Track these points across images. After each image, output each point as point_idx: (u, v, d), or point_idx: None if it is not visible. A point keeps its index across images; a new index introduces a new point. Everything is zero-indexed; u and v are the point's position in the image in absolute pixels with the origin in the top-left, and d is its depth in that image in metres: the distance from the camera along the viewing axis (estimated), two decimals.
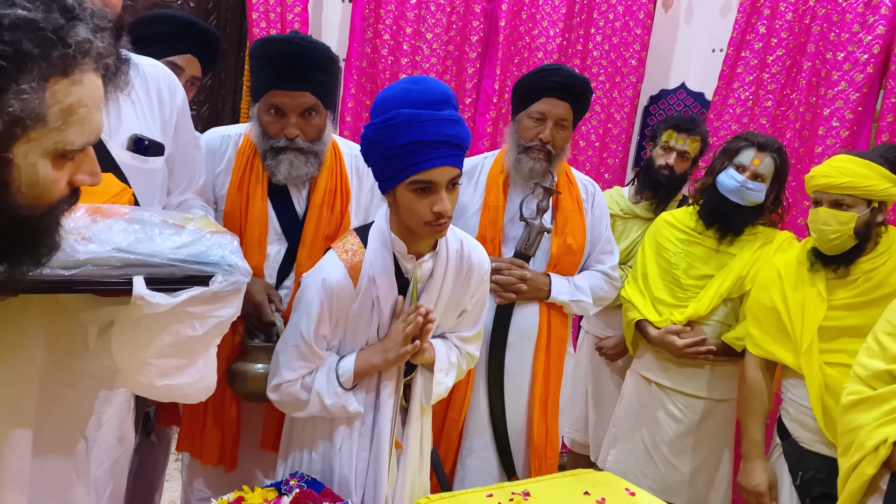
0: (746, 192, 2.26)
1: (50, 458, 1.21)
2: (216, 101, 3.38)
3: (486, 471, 2.18)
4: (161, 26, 2.12)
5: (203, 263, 1.05)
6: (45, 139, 0.82)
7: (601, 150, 3.50)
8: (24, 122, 0.78)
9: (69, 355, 1.18)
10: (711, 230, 2.36)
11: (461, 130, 1.48)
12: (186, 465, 2.03)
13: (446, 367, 1.68)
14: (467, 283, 1.69)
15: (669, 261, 2.43)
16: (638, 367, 2.53)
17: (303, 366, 1.59)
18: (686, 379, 2.39)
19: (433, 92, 1.46)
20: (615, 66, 3.44)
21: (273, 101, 1.80)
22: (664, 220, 2.51)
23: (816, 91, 2.84)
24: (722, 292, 2.32)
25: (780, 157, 2.29)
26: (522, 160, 2.14)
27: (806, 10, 2.91)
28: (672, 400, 2.40)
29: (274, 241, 1.92)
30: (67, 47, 0.81)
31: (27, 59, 0.77)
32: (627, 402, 2.56)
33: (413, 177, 1.44)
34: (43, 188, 0.85)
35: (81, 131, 0.86)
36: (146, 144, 1.54)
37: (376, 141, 1.47)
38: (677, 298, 2.40)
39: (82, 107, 0.85)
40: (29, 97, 0.77)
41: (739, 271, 2.31)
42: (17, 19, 0.76)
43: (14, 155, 0.80)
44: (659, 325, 2.39)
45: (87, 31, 0.84)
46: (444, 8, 3.28)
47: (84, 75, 0.85)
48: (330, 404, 1.57)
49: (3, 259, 0.88)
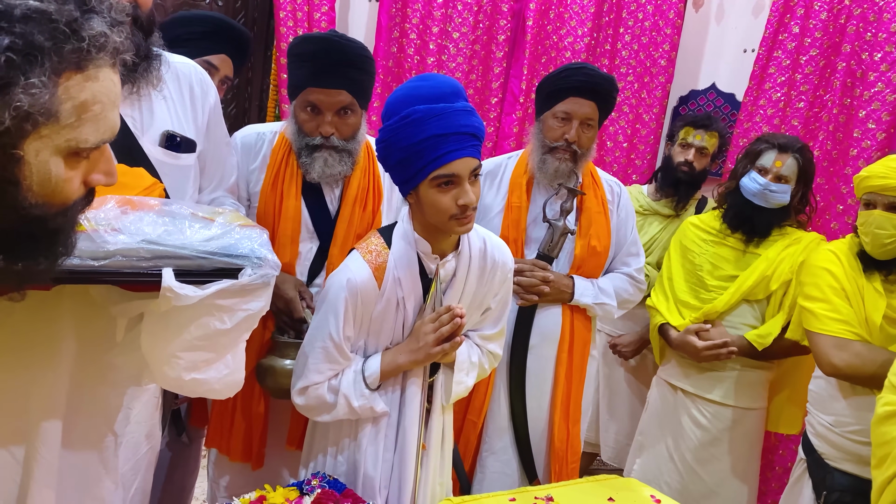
0: (770, 194, 2.22)
1: (78, 451, 1.21)
2: (243, 101, 3.41)
3: (507, 473, 2.16)
4: (196, 26, 2.14)
5: (232, 256, 1.05)
6: (57, 136, 0.79)
7: (629, 150, 3.46)
8: (34, 117, 0.75)
9: (99, 350, 1.18)
10: (737, 234, 2.32)
11: (476, 120, 1.47)
12: (213, 462, 2.04)
13: (467, 367, 1.66)
14: (491, 281, 1.68)
15: (694, 262, 2.39)
16: (664, 374, 2.49)
17: (329, 368, 1.58)
18: (713, 385, 2.34)
19: (444, 86, 1.46)
20: (644, 65, 3.40)
21: (309, 98, 1.80)
22: (690, 223, 2.48)
23: (851, 92, 2.78)
24: (744, 290, 2.27)
25: (804, 157, 2.24)
26: (548, 160, 2.12)
27: (841, 10, 2.85)
28: (698, 407, 2.36)
29: (306, 239, 1.92)
30: (81, 41, 0.78)
31: (38, 52, 0.74)
32: (653, 409, 2.52)
33: (435, 172, 1.43)
34: (55, 187, 0.82)
35: (96, 129, 0.83)
36: (178, 141, 1.55)
37: (393, 142, 1.45)
38: (701, 300, 2.36)
39: (97, 103, 0.82)
40: (39, 91, 0.74)
41: (764, 271, 2.26)
42: (29, 10, 0.73)
43: (24, 152, 0.78)
44: (680, 328, 2.35)
45: (103, 24, 0.80)
46: (471, 7, 3.27)
47: (100, 71, 0.81)
48: (358, 406, 1.56)
49: (20, 257, 0.86)
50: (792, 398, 2.44)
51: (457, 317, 1.54)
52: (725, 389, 2.33)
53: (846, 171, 2.74)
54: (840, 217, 2.74)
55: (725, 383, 2.33)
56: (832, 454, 1.95)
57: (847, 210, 2.74)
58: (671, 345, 2.38)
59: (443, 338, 1.55)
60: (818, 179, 2.67)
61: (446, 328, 1.54)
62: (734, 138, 3.07)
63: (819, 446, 1.98)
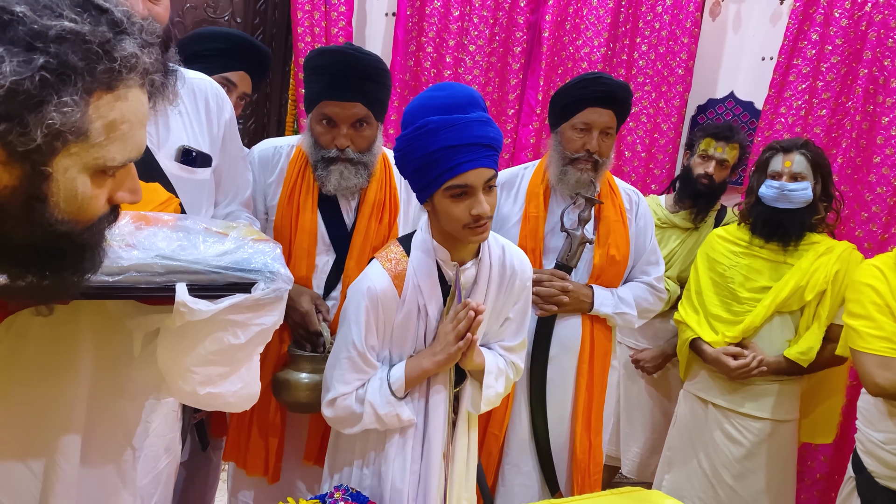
0: (791, 193, 2.21)
1: (97, 465, 1.22)
2: (261, 115, 3.44)
3: (528, 486, 2.14)
4: (216, 43, 2.16)
5: (245, 270, 1.05)
6: (85, 154, 0.80)
7: (647, 160, 3.44)
8: (65, 135, 0.77)
9: (117, 363, 1.19)
10: (773, 242, 2.29)
11: (491, 131, 1.47)
12: (232, 476, 2.04)
13: (496, 372, 1.65)
14: (510, 289, 1.67)
15: (724, 275, 2.36)
16: (692, 388, 2.45)
17: (356, 377, 1.57)
18: (745, 399, 2.30)
19: (459, 96, 1.46)
20: (661, 75, 3.38)
21: (325, 111, 1.82)
22: (717, 234, 2.45)
23: (874, 99, 2.74)
24: (779, 301, 2.24)
25: (811, 151, 2.24)
26: (569, 172, 2.11)
27: (862, 16, 2.82)
28: (730, 421, 2.32)
29: (322, 252, 1.93)
30: (113, 61, 0.79)
31: (71, 72, 0.75)
32: (682, 424, 2.48)
33: (448, 182, 1.44)
34: (81, 203, 0.84)
35: (123, 147, 0.84)
36: (194, 156, 1.57)
37: (409, 151, 1.47)
38: (733, 313, 2.33)
39: (125, 122, 0.83)
40: (71, 110, 0.75)
41: (798, 281, 2.23)
42: (64, 31, 0.75)
43: (53, 169, 0.79)
44: (714, 345, 2.32)
45: (134, 45, 0.82)
46: (487, 20, 3.28)
47: (129, 91, 0.83)
48: (384, 414, 1.55)
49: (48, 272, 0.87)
50: (825, 408, 2.40)
51: (472, 311, 1.53)
52: (758, 402, 2.30)
53: (870, 179, 2.70)
54: (865, 224, 2.69)
55: (758, 396, 2.30)
56: (882, 472, 1.90)
57: (872, 218, 2.70)
58: (705, 360, 2.35)
59: (461, 334, 1.54)
60: (842, 187, 2.63)
61: (462, 324, 1.53)
62: (754, 147, 3.04)
63: (869, 464, 1.94)
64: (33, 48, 0.73)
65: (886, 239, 2.67)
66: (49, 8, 0.76)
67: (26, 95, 0.72)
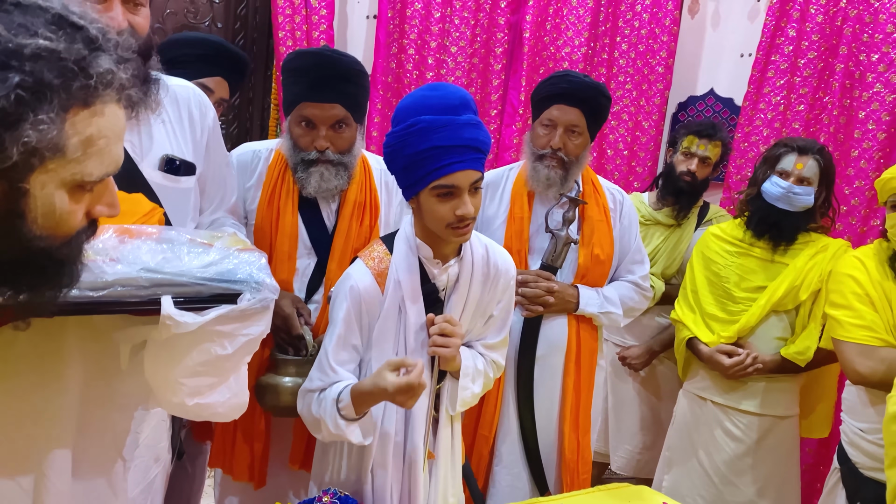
0: (794, 197, 2.20)
1: (88, 478, 1.21)
2: (244, 120, 3.43)
3: (517, 486, 2.15)
4: (192, 49, 2.15)
5: (230, 282, 1.06)
6: (63, 170, 0.81)
7: (629, 158, 3.46)
8: (41, 152, 0.77)
9: (106, 375, 1.19)
10: (763, 240, 2.30)
11: (481, 134, 1.49)
12: (219, 483, 2.04)
13: (472, 374, 1.65)
14: (494, 288, 1.68)
15: (719, 274, 2.37)
16: (690, 387, 2.47)
17: (318, 377, 1.58)
18: (743, 396, 2.32)
19: (451, 97, 1.47)
20: (642, 73, 3.40)
21: (304, 113, 1.81)
22: (711, 233, 2.46)
23: (850, 94, 2.78)
24: (774, 301, 2.25)
25: (824, 158, 2.23)
26: (538, 168, 2.12)
27: (837, 12, 2.86)
28: (730, 418, 2.34)
29: (303, 255, 1.93)
30: (89, 78, 0.79)
31: (47, 90, 0.75)
32: (681, 423, 2.49)
33: (435, 182, 1.46)
34: (59, 219, 0.84)
35: (100, 162, 0.84)
36: (177, 164, 1.56)
37: (398, 148, 1.48)
38: (729, 312, 2.34)
39: (102, 138, 0.83)
40: (47, 128, 0.75)
41: (793, 281, 2.24)
42: (39, 49, 0.75)
43: (30, 185, 0.79)
44: (710, 345, 2.33)
45: (110, 62, 0.82)
46: (468, 21, 3.28)
47: (105, 106, 0.83)
48: (335, 433, 1.53)
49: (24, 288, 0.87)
50: (822, 402, 2.42)
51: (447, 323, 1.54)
52: (757, 399, 2.31)
53: (848, 172, 2.74)
54: (844, 218, 2.73)
55: (757, 393, 2.31)
56: (866, 463, 1.92)
57: (851, 211, 2.73)
58: (701, 359, 2.37)
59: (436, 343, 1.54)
60: None
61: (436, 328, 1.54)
62: (735, 143, 3.07)
63: (853, 455, 1.95)
64: (8, 66, 0.73)
65: (865, 232, 2.71)
66: (24, 26, 0.76)
67: (2, 114, 0.72)
